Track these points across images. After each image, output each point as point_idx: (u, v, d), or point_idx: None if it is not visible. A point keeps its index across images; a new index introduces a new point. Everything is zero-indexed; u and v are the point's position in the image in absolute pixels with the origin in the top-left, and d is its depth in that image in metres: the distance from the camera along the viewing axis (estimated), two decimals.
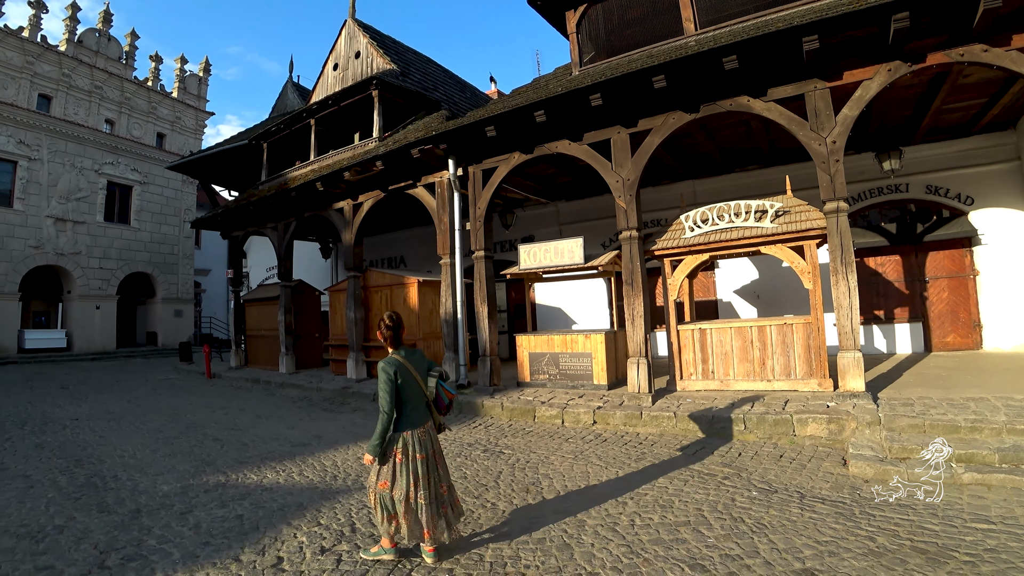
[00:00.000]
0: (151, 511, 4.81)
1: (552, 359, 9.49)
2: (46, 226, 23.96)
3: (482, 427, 7.93)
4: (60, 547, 4.09)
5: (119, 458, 6.74)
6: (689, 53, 7.42)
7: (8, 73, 23.16)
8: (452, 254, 10.20)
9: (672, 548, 3.80)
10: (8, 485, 5.67)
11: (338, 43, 15.49)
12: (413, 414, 3.84)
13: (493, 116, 8.84)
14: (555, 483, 5.31)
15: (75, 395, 12.54)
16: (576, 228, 13.68)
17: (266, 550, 3.99)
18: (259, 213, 14.69)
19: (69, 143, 24.93)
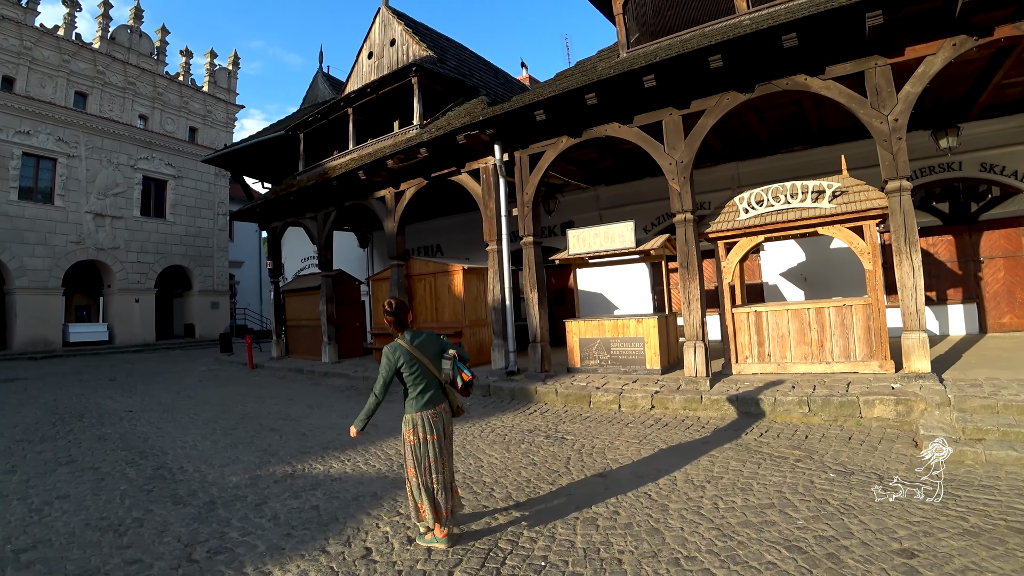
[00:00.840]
0: (225, 503, 4.82)
1: (603, 344, 9.42)
2: (86, 221, 24.45)
3: (538, 413, 7.89)
4: (144, 540, 4.10)
5: (181, 449, 6.79)
6: (747, 32, 7.22)
7: (46, 72, 23.58)
8: (499, 240, 10.14)
9: (763, 530, 3.74)
10: (80, 477, 5.72)
11: (372, 31, 15.45)
12: (423, 396, 3.87)
13: (543, 100, 8.72)
14: (625, 468, 5.26)
15: (124, 387, 12.76)
16: (616, 213, 13.53)
17: (351, 541, 3.97)
18: (299, 203, 14.76)
19: (105, 139, 25.36)
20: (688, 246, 8.28)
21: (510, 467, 5.48)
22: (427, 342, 3.99)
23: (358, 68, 15.53)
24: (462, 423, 7.45)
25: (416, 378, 3.86)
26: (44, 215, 23.22)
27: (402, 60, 14.16)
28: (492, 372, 10.18)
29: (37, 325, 22.76)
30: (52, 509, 4.78)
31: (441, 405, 3.97)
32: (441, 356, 4.03)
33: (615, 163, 12.32)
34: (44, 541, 4.11)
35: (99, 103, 25.39)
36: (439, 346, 4.05)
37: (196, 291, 28.75)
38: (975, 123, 10.62)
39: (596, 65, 9.82)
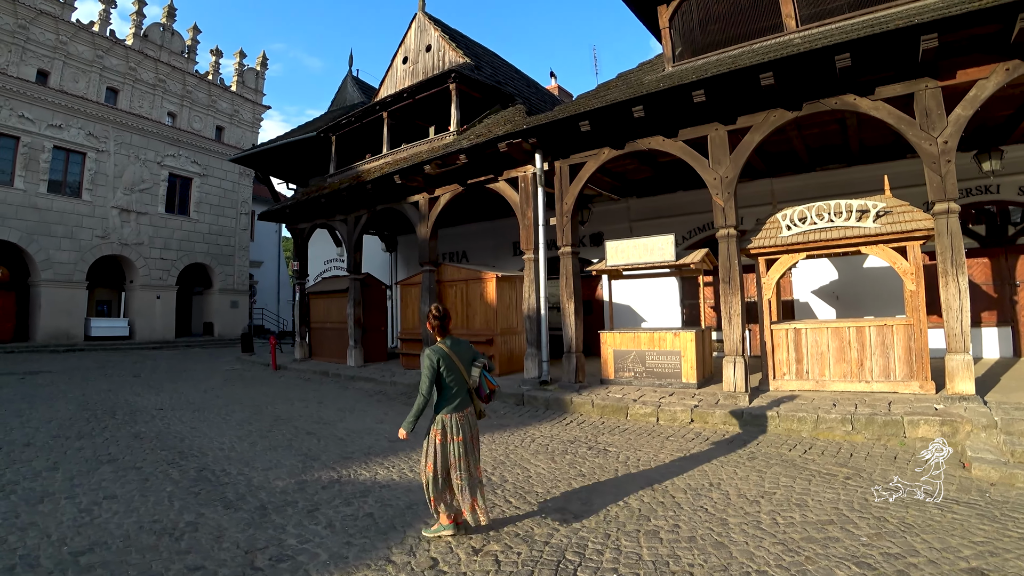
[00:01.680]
0: (277, 508, 4.78)
1: (638, 356, 9.38)
2: (112, 216, 24.70)
3: (575, 424, 7.86)
4: (202, 545, 4.05)
5: (220, 451, 6.77)
6: (799, 51, 7.21)
7: (79, 67, 23.89)
8: (536, 249, 10.12)
9: (828, 546, 3.73)
10: (124, 477, 5.70)
11: (407, 37, 15.54)
12: (455, 399, 4.15)
13: (590, 111, 8.74)
14: (676, 481, 5.23)
15: (150, 384, 12.82)
16: (647, 225, 13.52)
17: (415, 551, 3.93)
18: (330, 205, 14.82)
19: (134, 135, 25.65)
20: (730, 261, 8.25)
21: (559, 478, 5.45)
22: (463, 350, 4.32)
23: (392, 73, 15.61)
24: (501, 432, 7.48)
25: (451, 381, 4.14)
26: (72, 209, 23.48)
27: (438, 66, 14.23)
28: (524, 381, 10.15)
29: (60, 318, 22.98)
30: (102, 510, 4.75)
31: (468, 409, 4.26)
32: (472, 364, 4.33)
33: (650, 176, 12.30)
34: (100, 544, 4.07)
35: (130, 99, 25.70)
36: (471, 355, 4.38)
37: (216, 290, 28.95)
38: (1014, 146, 10.55)
39: (641, 78, 9.82)
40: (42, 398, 10.58)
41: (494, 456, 6.33)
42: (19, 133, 22.04)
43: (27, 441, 7.17)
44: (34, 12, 22.15)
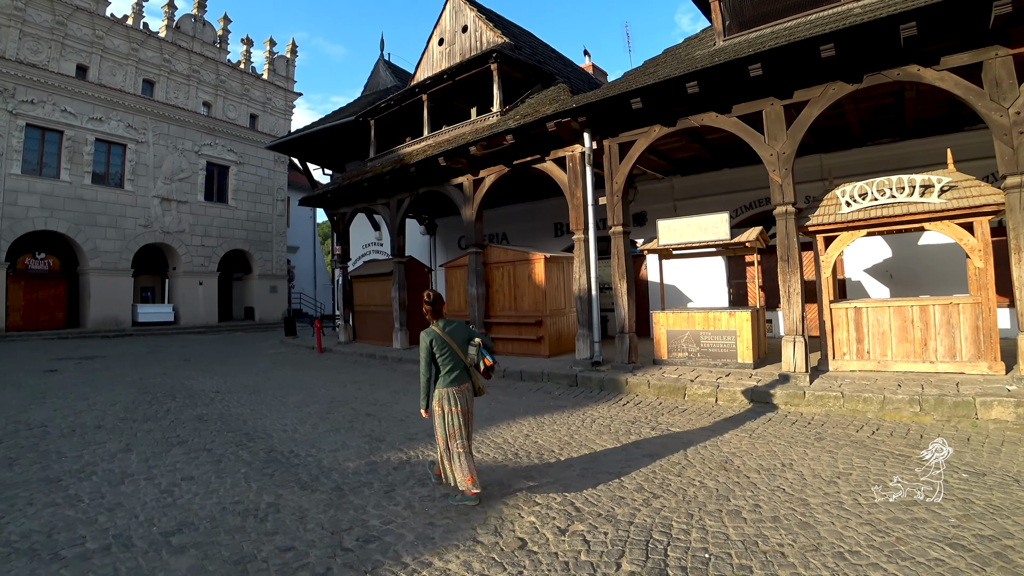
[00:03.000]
0: (353, 489, 4.82)
1: (692, 337, 9.28)
2: (153, 206, 25.22)
3: (632, 405, 7.81)
4: (287, 526, 4.08)
5: (283, 433, 6.84)
6: (862, 20, 6.95)
7: (116, 60, 24.33)
8: (586, 230, 10.02)
9: (917, 527, 3.66)
10: (197, 459, 5.79)
11: (442, 18, 15.43)
12: (449, 375, 4.54)
13: (641, 87, 8.56)
14: (747, 461, 5.17)
15: (201, 368, 13.07)
16: (692, 204, 13.32)
17: (500, 531, 3.93)
18: (372, 189, 14.84)
19: (171, 126, 26.09)
20: (789, 239, 8.07)
21: (629, 458, 5.42)
22: (457, 330, 4.67)
23: (428, 55, 15.54)
24: (560, 413, 7.46)
25: (445, 359, 4.52)
26: (115, 199, 24.04)
27: (476, 47, 14.11)
28: (576, 362, 10.12)
29: (108, 305, 23.67)
30: (182, 491, 4.83)
31: (465, 384, 4.62)
32: (468, 343, 4.66)
33: (696, 154, 12.08)
34: (188, 524, 4.13)
35: (165, 90, 26.10)
36: (467, 334, 4.71)
37: (256, 275, 29.48)
38: None
39: (691, 53, 9.60)
40: (102, 382, 10.86)
41: (559, 437, 6.32)
42: (63, 127, 22.62)
43: (97, 424, 7.38)
44: (71, 8, 22.61)
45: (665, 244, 9.61)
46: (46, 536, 3.97)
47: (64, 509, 4.46)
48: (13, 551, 3.73)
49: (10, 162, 21.27)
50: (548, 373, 9.80)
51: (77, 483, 5.07)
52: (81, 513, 4.37)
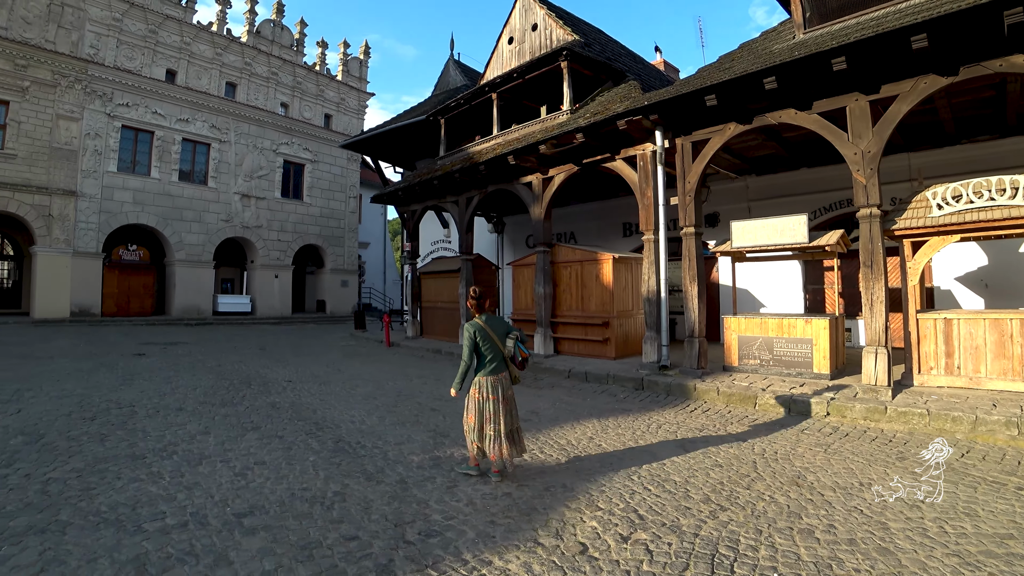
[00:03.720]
0: (417, 483, 4.86)
1: (765, 344, 8.93)
2: (234, 202, 26.44)
3: (700, 412, 7.59)
4: (352, 516, 4.15)
5: (351, 424, 6.98)
6: (963, 7, 6.47)
7: (202, 65, 25.71)
8: (656, 230, 9.81)
9: (1013, 564, 3.35)
10: (269, 445, 5.98)
11: (512, 17, 15.44)
12: (490, 365, 5.00)
13: (716, 84, 8.27)
14: (821, 477, 4.90)
15: (275, 357, 13.54)
16: (767, 205, 12.84)
17: (562, 534, 3.87)
18: (442, 187, 15.03)
19: (251, 126, 27.27)
20: (873, 243, 7.62)
21: (695, 467, 5.25)
22: (497, 324, 5.16)
23: (498, 54, 15.57)
24: (625, 416, 7.33)
25: (486, 350, 5.00)
26: (199, 195, 25.35)
27: (546, 45, 14.05)
28: (643, 365, 9.92)
29: (192, 295, 25.01)
30: (254, 475, 5.00)
31: (502, 374, 5.07)
32: (506, 336, 5.13)
33: (772, 152, 11.62)
34: (259, 508, 4.27)
35: (246, 92, 27.29)
36: (505, 328, 5.20)
37: (328, 269, 30.45)
38: None
39: (768, 47, 9.23)
40: (184, 367, 11.42)
41: (623, 441, 6.20)
42: (153, 128, 24.12)
43: (179, 406, 7.75)
44: (161, 17, 24.12)
45: (739, 247, 9.28)
46: (131, 509, 4.20)
47: (147, 485, 4.70)
48: (102, 520, 3.98)
49: (108, 160, 22.81)
50: (613, 375, 9.65)
51: (159, 461, 5.34)
52: (162, 489, 4.60)
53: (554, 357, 11.98)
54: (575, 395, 8.88)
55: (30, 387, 8.69)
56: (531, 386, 9.73)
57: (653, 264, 9.92)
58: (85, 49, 22.30)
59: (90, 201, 22.26)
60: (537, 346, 12.34)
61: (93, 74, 22.39)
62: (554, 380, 10.27)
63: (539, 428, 6.76)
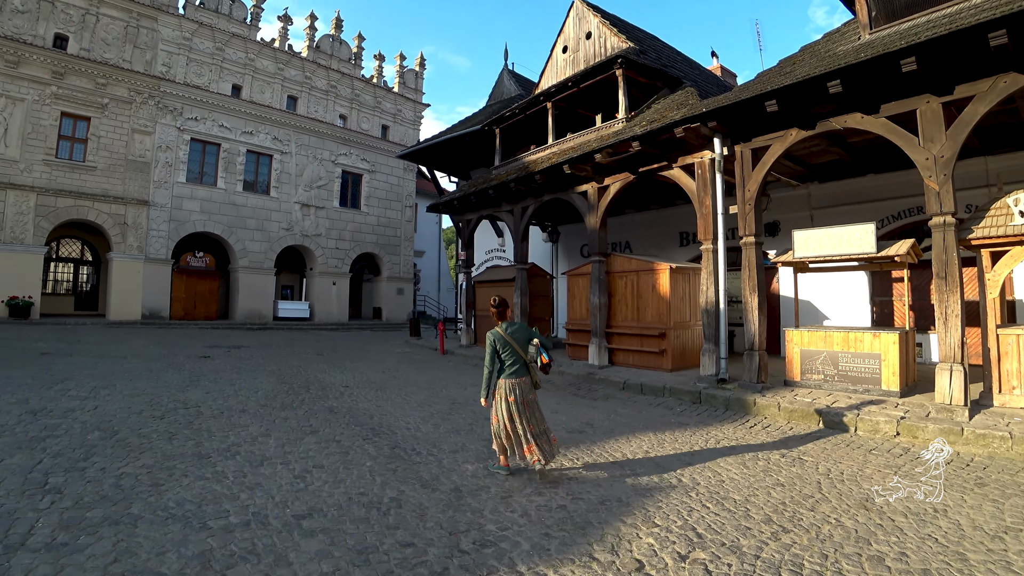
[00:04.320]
0: (471, 492, 4.84)
1: (829, 358, 8.59)
2: (294, 211, 27.29)
3: (760, 428, 7.35)
4: (408, 522, 4.16)
5: (406, 430, 7.02)
6: None
7: (265, 80, 26.79)
8: (715, 239, 9.60)
9: None
10: (327, 449, 6.07)
11: (565, 26, 15.43)
12: (509, 369, 5.31)
13: (776, 89, 8.04)
14: (890, 501, 4.66)
15: (332, 362, 13.81)
16: (831, 214, 12.38)
17: (617, 550, 3.79)
18: (497, 197, 15.10)
19: (312, 137, 28.14)
20: (947, 254, 7.24)
21: (755, 485, 5.08)
22: (519, 331, 5.45)
23: (552, 63, 15.59)
24: (682, 431, 7.19)
25: (507, 355, 5.32)
26: (262, 204, 26.30)
27: (600, 53, 13.98)
28: (700, 378, 9.70)
29: (253, 300, 25.92)
30: (313, 478, 5.07)
31: (523, 378, 5.34)
32: (529, 342, 5.41)
33: (836, 158, 11.22)
34: (317, 510, 4.32)
35: (306, 105, 28.21)
36: (528, 335, 5.48)
37: (384, 277, 31.07)
38: None
39: (832, 49, 8.93)
40: (247, 370, 11.76)
41: (680, 456, 6.05)
42: (220, 140, 25.26)
43: (242, 408, 7.96)
44: (228, 35, 25.37)
45: (801, 257, 8.97)
46: (196, 506, 4.33)
47: (212, 483, 4.84)
48: (170, 516, 4.12)
49: (178, 172, 23.97)
50: (670, 388, 9.46)
51: (223, 461, 5.49)
52: (226, 488, 4.72)
53: (608, 368, 11.83)
54: (630, 407, 8.74)
55: (106, 385, 9.10)
56: (585, 397, 9.63)
57: (711, 274, 9.69)
58: (158, 67, 23.56)
59: (161, 210, 23.40)
60: (591, 357, 12.22)
61: (165, 90, 23.60)
62: (608, 391, 10.15)
63: (593, 440, 6.67)
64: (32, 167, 20.58)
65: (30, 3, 20.95)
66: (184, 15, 24.29)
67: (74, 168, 21.52)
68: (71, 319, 21.72)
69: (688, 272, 11.72)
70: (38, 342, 14.63)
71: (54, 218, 21.06)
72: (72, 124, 21.77)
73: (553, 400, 9.27)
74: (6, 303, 19.61)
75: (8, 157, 20.14)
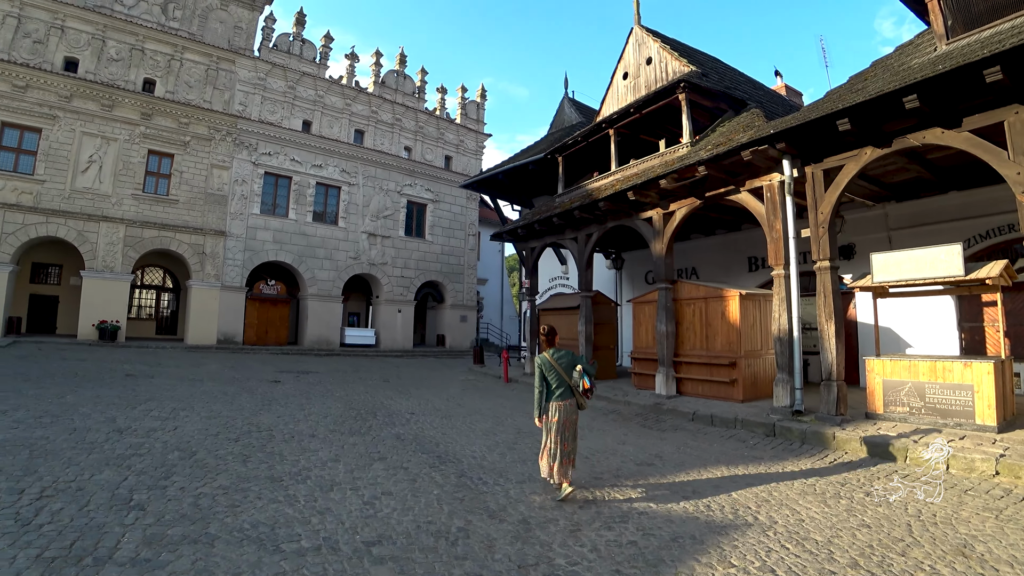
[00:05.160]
0: (539, 524, 4.75)
1: (915, 389, 8.07)
2: (361, 240, 28.08)
3: (840, 464, 6.93)
4: (476, 553, 4.12)
5: (472, 459, 6.98)
6: None
7: (334, 115, 27.98)
8: (787, 264, 9.25)
9: None
10: (395, 476, 6.08)
11: (625, 53, 15.45)
12: (556, 392, 5.74)
13: (849, 107, 7.74)
14: (993, 549, 4.26)
15: (398, 389, 13.96)
16: (910, 234, 11.75)
17: None
18: (561, 224, 15.14)
19: (378, 169, 29.05)
20: None
21: (838, 525, 4.77)
22: (564, 357, 5.87)
23: (613, 90, 15.60)
24: (756, 465, 6.92)
25: (552, 379, 5.76)
26: (330, 234, 27.20)
27: (661, 78, 13.90)
28: (774, 410, 9.28)
29: (322, 327, 26.67)
30: (382, 504, 5.09)
31: (568, 400, 5.75)
32: (573, 368, 5.79)
33: (915, 176, 10.68)
34: (386, 537, 4.33)
35: (373, 138, 29.20)
36: (573, 361, 5.87)
37: (448, 305, 31.46)
38: None
39: (906, 63, 8.56)
40: (316, 395, 12.01)
41: (755, 492, 5.77)
42: (291, 173, 26.43)
43: (312, 433, 8.11)
44: (298, 74, 26.79)
45: (881, 281, 8.52)
46: (270, 529, 4.41)
47: (284, 507, 4.92)
48: (245, 537, 4.22)
49: (252, 204, 25.17)
50: (742, 419, 9.10)
51: (295, 484, 5.59)
52: (297, 512, 4.80)
53: (676, 398, 11.52)
54: (700, 439, 8.45)
55: (185, 407, 9.48)
56: (653, 428, 9.38)
57: (784, 300, 9.33)
58: (235, 106, 25.00)
59: (237, 240, 24.57)
60: (659, 386, 11.94)
61: (241, 127, 24.97)
62: (677, 422, 9.85)
63: (663, 474, 6.47)
64: (122, 201, 22.16)
65: (123, 52, 22.83)
66: (259, 57, 25.76)
67: (158, 201, 22.98)
68: (153, 343, 22.90)
69: (759, 298, 11.34)
70: (123, 364, 15.45)
71: (140, 248, 22.48)
72: (157, 161, 23.34)
73: (620, 431, 9.07)
74: (96, 327, 20.97)
75: (102, 192, 21.81)
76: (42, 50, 21.23)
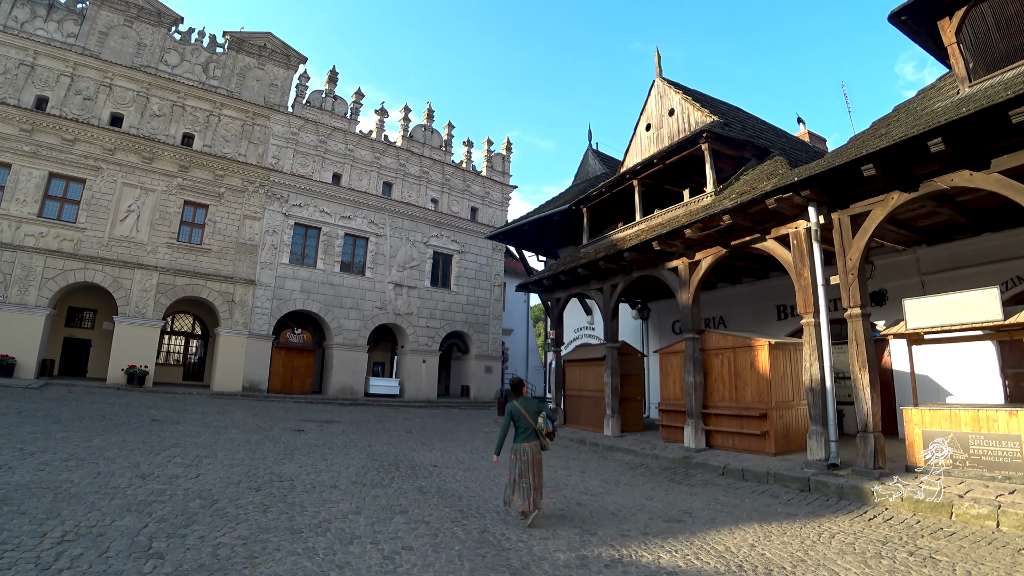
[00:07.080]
0: None
1: (957, 440, 7.70)
2: (388, 290, 28.37)
3: (880, 520, 6.61)
4: None
5: (496, 513, 6.81)
6: None
7: (363, 168, 28.80)
8: (816, 313, 9.07)
9: None
10: (416, 530, 5.95)
11: (648, 104, 15.70)
12: (522, 435, 6.53)
13: (873, 152, 7.67)
14: None
15: (421, 440, 13.81)
16: (944, 279, 11.45)
17: None
18: (587, 275, 15.13)
19: (405, 220, 29.58)
20: None
21: None
22: (529, 404, 6.72)
23: (636, 141, 15.79)
24: (791, 522, 6.65)
25: (519, 424, 6.57)
26: (357, 284, 27.56)
27: (684, 128, 14.04)
28: (808, 463, 8.93)
29: (347, 376, 26.72)
30: (402, 559, 4.97)
31: (533, 442, 6.52)
32: (538, 414, 6.62)
33: (946, 219, 10.47)
34: None
35: (400, 190, 29.85)
36: (537, 408, 6.72)
37: (473, 355, 31.38)
38: None
39: (929, 106, 8.51)
40: (339, 446, 11.92)
41: (790, 551, 5.51)
42: (320, 224, 27.07)
43: (333, 484, 8.02)
44: (330, 129, 27.81)
45: (915, 328, 8.27)
46: None
47: (303, 559, 4.83)
48: None
49: (282, 254, 25.73)
50: (775, 474, 8.77)
51: (314, 536, 5.49)
52: (316, 566, 4.70)
53: (706, 451, 11.18)
54: (731, 495, 8.15)
55: (208, 455, 9.48)
56: (682, 483, 9.09)
57: (815, 349, 9.09)
58: (268, 159, 25.91)
59: (265, 289, 25.02)
60: (687, 439, 11.63)
61: (274, 180, 25.77)
62: (707, 477, 9.53)
63: (693, 531, 6.22)
64: (157, 249, 22.89)
65: (165, 108, 24.07)
66: (293, 112, 26.80)
67: (192, 250, 23.66)
68: (179, 388, 23.14)
69: (789, 348, 11.07)
70: (150, 409, 15.59)
71: (172, 295, 23.03)
72: (192, 211, 24.16)
73: (648, 486, 8.80)
74: (125, 371, 21.31)
75: (138, 240, 22.58)
76: (91, 106, 22.46)
